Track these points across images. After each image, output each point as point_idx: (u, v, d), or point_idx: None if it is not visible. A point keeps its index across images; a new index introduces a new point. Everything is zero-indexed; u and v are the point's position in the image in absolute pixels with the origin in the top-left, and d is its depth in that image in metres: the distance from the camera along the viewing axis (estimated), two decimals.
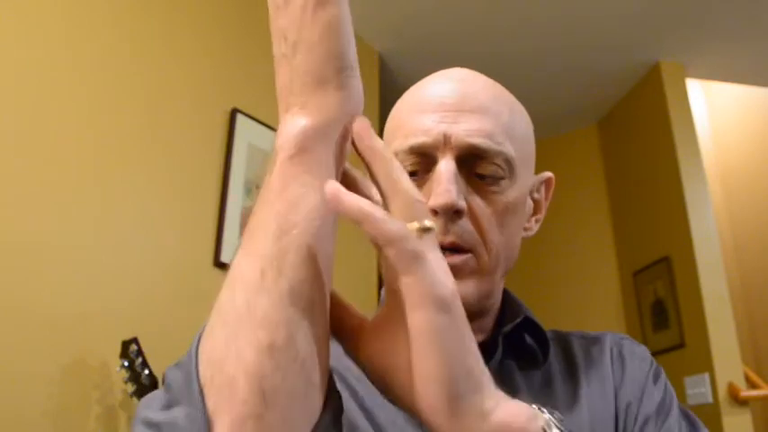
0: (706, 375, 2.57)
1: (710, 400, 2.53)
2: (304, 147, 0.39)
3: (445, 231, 0.59)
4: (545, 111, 3.28)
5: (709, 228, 2.76)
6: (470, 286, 0.61)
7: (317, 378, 0.38)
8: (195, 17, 2.08)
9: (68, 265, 1.59)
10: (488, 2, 2.58)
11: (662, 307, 2.88)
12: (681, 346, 2.72)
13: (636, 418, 0.61)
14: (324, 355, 0.39)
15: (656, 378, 0.66)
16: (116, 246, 1.71)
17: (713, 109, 3.87)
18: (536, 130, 0.70)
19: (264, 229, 0.38)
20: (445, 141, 0.61)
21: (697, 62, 3.02)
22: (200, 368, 0.38)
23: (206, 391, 0.37)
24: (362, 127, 0.40)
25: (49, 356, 1.50)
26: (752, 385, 2.61)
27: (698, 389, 2.58)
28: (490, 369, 0.60)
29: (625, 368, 0.66)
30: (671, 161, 2.87)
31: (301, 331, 0.37)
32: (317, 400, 0.38)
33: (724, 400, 2.50)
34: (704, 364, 2.58)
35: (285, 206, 0.38)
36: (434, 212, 0.59)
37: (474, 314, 0.64)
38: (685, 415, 0.64)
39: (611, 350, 0.68)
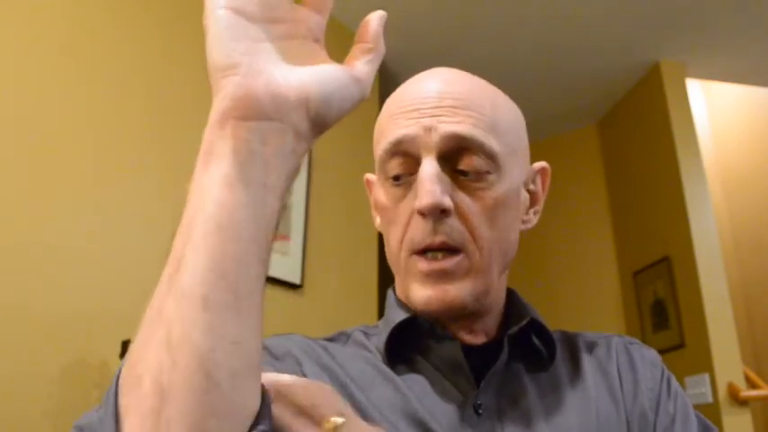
0: (706, 375, 2.57)
1: (710, 400, 2.53)
2: (207, 145, 0.41)
3: (434, 232, 0.59)
4: (545, 111, 3.28)
5: (709, 228, 2.76)
6: (466, 287, 0.61)
7: (220, 376, 0.37)
8: (196, 17, 2.07)
9: (68, 265, 1.59)
10: (488, 2, 2.58)
11: (662, 307, 2.88)
12: (681, 346, 2.72)
13: (654, 430, 0.61)
14: (233, 355, 0.38)
15: (669, 386, 0.65)
16: (116, 245, 1.71)
17: (713, 109, 3.87)
18: (536, 130, 0.70)
19: (179, 231, 0.40)
20: (426, 133, 0.60)
21: (697, 62, 3.02)
22: (123, 370, 0.40)
23: (122, 390, 0.38)
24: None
25: (49, 356, 1.50)
26: (752, 385, 2.61)
27: (698, 389, 2.58)
28: (496, 372, 0.60)
29: (636, 373, 0.65)
30: (671, 161, 2.87)
31: (199, 329, 0.37)
32: (225, 398, 0.37)
33: (724, 400, 2.50)
34: (704, 364, 2.58)
35: (190, 207, 0.40)
36: (422, 214, 0.59)
37: (473, 314, 0.64)
38: (702, 424, 0.64)
39: (618, 352, 0.68)
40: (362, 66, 0.44)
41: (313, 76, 0.41)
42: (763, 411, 3.22)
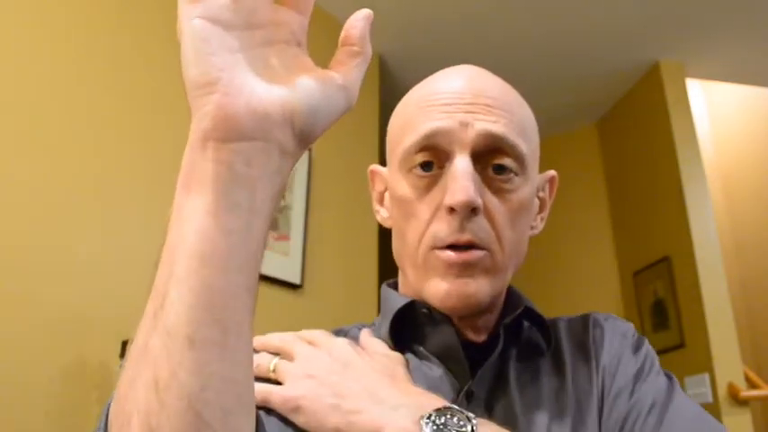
0: (706, 375, 2.57)
1: (710, 400, 2.53)
2: (188, 168, 0.39)
3: (462, 229, 0.59)
4: (545, 110, 3.26)
5: (709, 228, 2.76)
6: (485, 285, 0.61)
7: (211, 416, 0.35)
8: None
9: (69, 265, 1.59)
10: (489, 3, 2.58)
11: (662, 307, 2.88)
12: (681, 346, 2.72)
13: (610, 392, 0.61)
14: (224, 393, 0.36)
15: (637, 348, 0.64)
16: (116, 245, 1.71)
17: (713, 109, 3.87)
18: None
19: (161, 263, 0.38)
20: (461, 128, 0.60)
21: (697, 62, 3.02)
22: (112, 406, 0.38)
23: (112, 426, 0.37)
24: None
25: (49, 356, 1.50)
26: (752, 385, 2.61)
27: (698, 389, 2.58)
28: (492, 362, 0.61)
29: (604, 345, 0.65)
30: (671, 161, 2.87)
31: (186, 368, 0.35)
32: None
33: (724, 400, 2.50)
34: (704, 364, 2.58)
35: (171, 236, 0.38)
36: (451, 210, 0.59)
37: (482, 312, 0.64)
38: (667, 377, 0.63)
39: (594, 326, 0.68)
40: (349, 72, 0.41)
41: (297, 89, 0.38)
42: (763, 411, 3.23)
